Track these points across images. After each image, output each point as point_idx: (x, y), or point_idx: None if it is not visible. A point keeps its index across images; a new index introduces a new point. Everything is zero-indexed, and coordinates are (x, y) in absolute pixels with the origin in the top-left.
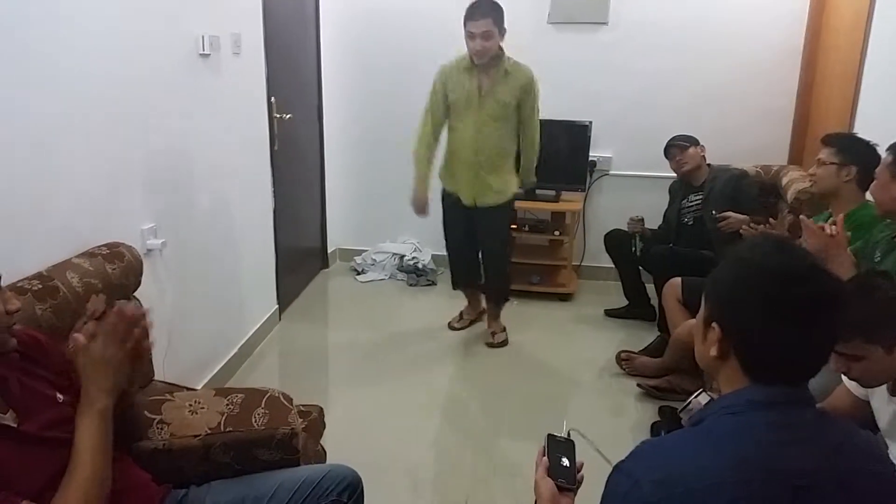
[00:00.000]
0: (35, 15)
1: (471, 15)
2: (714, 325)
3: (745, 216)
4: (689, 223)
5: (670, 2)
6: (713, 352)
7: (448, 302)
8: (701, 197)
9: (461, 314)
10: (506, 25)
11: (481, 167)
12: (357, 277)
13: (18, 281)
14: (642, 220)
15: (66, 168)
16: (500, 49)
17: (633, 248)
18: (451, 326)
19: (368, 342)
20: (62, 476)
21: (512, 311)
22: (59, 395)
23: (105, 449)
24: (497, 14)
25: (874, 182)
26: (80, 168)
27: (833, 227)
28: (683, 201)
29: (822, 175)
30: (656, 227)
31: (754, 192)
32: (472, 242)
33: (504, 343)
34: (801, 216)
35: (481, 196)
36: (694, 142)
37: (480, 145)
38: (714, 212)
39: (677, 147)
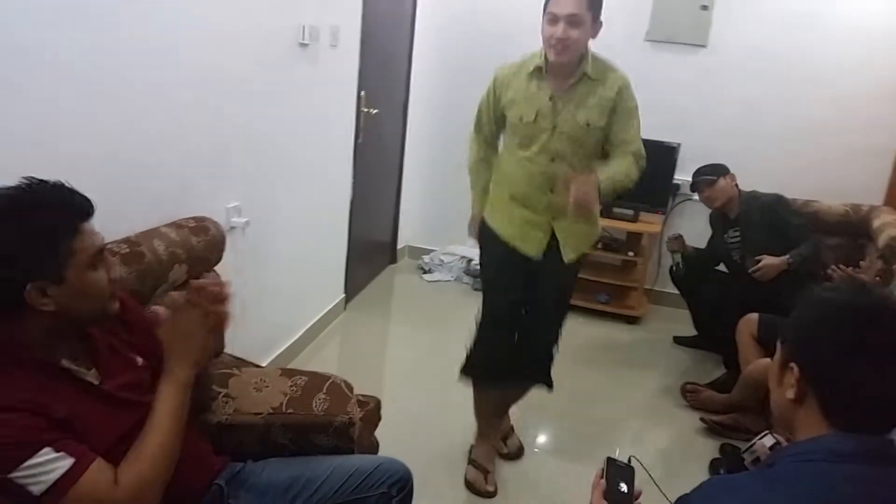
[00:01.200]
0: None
1: None
2: (792, 365)
3: (780, 260)
4: (738, 260)
5: (773, 30)
6: (790, 394)
7: None
8: (739, 232)
9: (476, 464)
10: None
11: (557, 207)
12: (423, 276)
13: (108, 243)
14: (681, 237)
15: (166, 141)
16: (586, 49)
17: (673, 267)
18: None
19: (429, 340)
20: (130, 437)
21: (574, 330)
22: (139, 359)
23: (181, 418)
24: None
25: None
26: (177, 143)
27: None
28: (725, 236)
29: None
30: (701, 247)
31: (794, 218)
32: (520, 307)
33: (520, 451)
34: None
35: (553, 249)
36: (722, 172)
37: (556, 177)
38: (749, 261)
39: (704, 182)
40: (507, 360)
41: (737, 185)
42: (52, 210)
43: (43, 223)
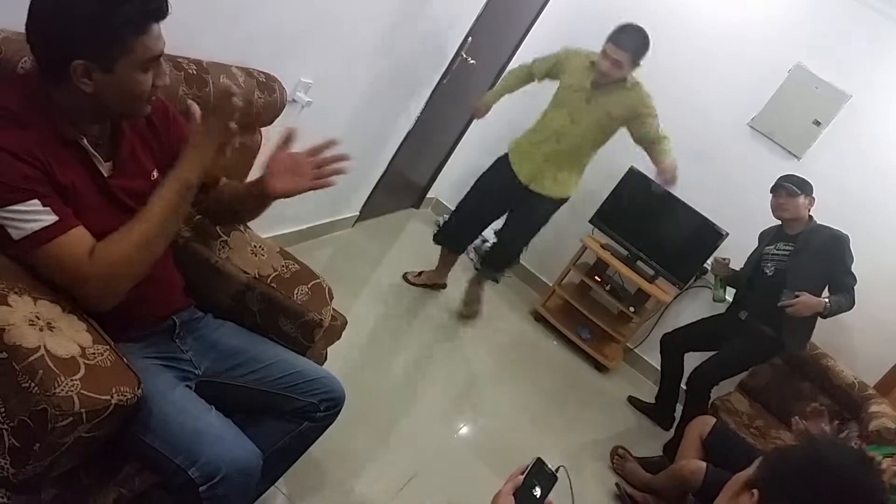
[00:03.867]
0: None
1: (615, 38)
2: (755, 492)
3: (818, 302)
4: (769, 273)
5: (868, 177)
6: None
7: (499, 298)
8: (792, 247)
9: (421, 272)
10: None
11: (557, 155)
12: None
13: (181, 56)
14: (728, 262)
15: None
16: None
17: (713, 292)
18: (405, 278)
19: (411, 292)
20: None
21: (546, 349)
22: (156, 172)
23: (175, 214)
24: (639, 51)
25: None
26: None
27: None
28: (770, 247)
29: None
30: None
31: (851, 260)
32: (493, 212)
33: (475, 314)
34: (862, 444)
35: (539, 179)
36: (807, 191)
37: (567, 135)
38: (789, 278)
39: (786, 190)
40: (473, 230)
41: (810, 209)
42: (131, 2)
43: (119, 13)
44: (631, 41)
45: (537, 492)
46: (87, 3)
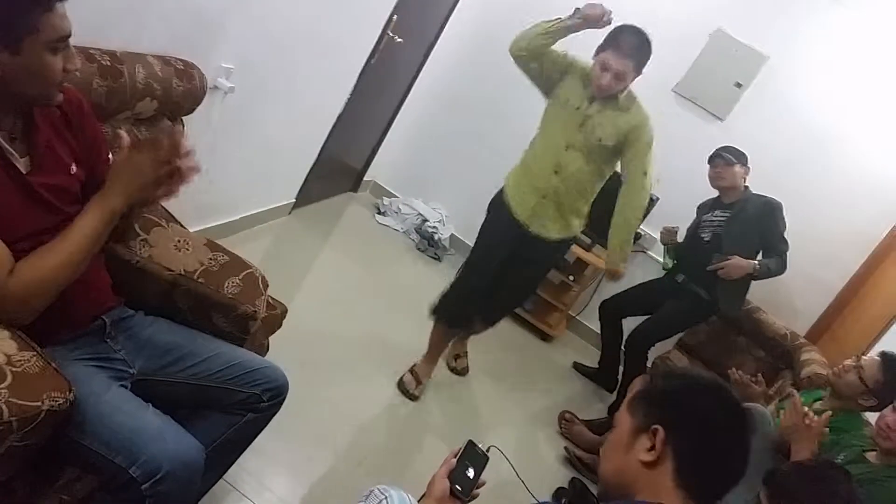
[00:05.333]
0: None
1: (615, 44)
2: (657, 428)
3: (748, 263)
4: (706, 239)
5: (788, 136)
6: (646, 457)
7: (439, 274)
8: (728, 214)
9: (412, 370)
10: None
11: (555, 191)
12: (376, 216)
13: (93, 48)
14: (677, 230)
15: None
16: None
17: (663, 261)
18: (400, 387)
19: (353, 277)
20: (36, 239)
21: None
22: (74, 167)
23: (97, 241)
24: (642, 57)
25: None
26: None
27: (815, 417)
28: (707, 215)
29: (847, 383)
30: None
31: (783, 227)
32: (501, 271)
33: (465, 371)
34: (792, 392)
35: (538, 220)
36: (743, 160)
37: (563, 165)
38: (724, 242)
39: (723, 159)
40: (478, 305)
41: (745, 178)
42: None
43: None
44: (631, 42)
45: (470, 472)
46: None
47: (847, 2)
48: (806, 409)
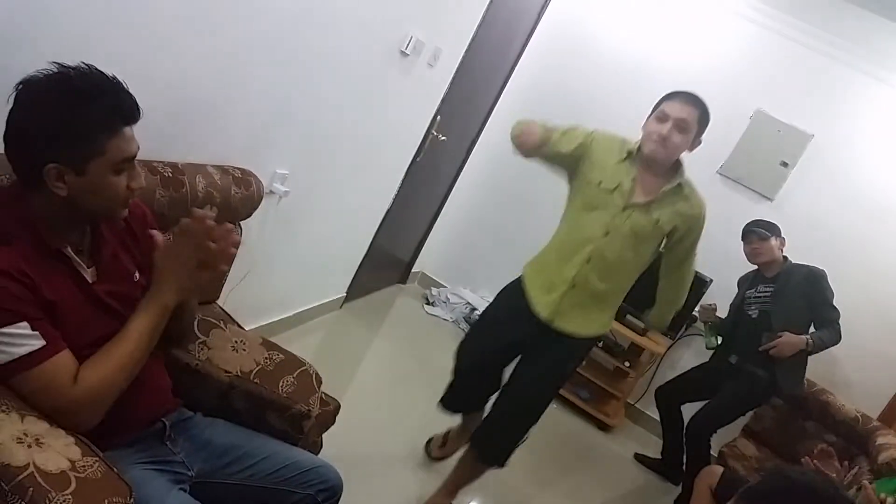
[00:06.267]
0: None
1: (672, 96)
2: None
3: (800, 339)
4: (753, 315)
5: (842, 203)
6: None
7: None
8: (772, 289)
9: (446, 438)
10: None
11: (587, 281)
12: (425, 307)
13: (156, 161)
14: (715, 307)
15: (243, 88)
16: (680, 161)
17: (705, 339)
18: (428, 453)
19: (404, 368)
20: (101, 345)
21: (548, 415)
22: (137, 274)
23: (152, 338)
24: (705, 114)
25: None
26: (252, 94)
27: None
28: (751, 290)
29: None
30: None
31: (831, 295)
32: (509, 356)
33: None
34: (864, 483)
35: (564, 316)
36: (776, 232)
37: (601, 254)
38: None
39: (756, 235)
40: (481, 389)
41: (783, 249)
42: (101, 105)
43: (89, 115)
44: (692, 96)
45: None
46: (57, 106)
47: (890, 79)
48: (883, 495)
